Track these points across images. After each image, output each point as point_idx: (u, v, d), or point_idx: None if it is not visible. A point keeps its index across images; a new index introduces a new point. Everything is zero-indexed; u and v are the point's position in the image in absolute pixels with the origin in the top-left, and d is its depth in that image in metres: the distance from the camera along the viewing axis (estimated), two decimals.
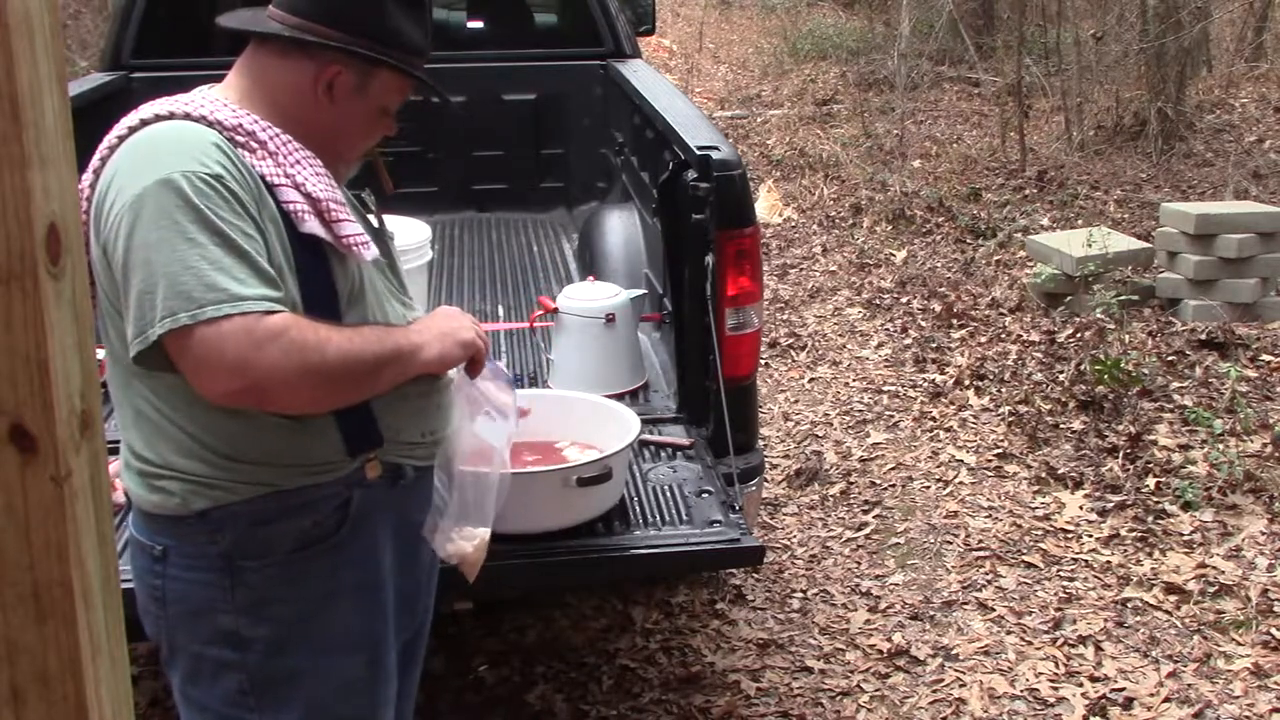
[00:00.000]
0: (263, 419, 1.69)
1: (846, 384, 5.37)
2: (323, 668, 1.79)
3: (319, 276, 1.72)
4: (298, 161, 1.73)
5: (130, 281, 1.59)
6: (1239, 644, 3.33)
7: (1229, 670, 3.22)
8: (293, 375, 1.60)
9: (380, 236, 1.94)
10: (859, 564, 3.88)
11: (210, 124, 1.70)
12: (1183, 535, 3.89)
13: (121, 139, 1.71)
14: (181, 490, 1.70)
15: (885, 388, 5.27)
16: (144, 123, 1.71)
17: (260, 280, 1.60)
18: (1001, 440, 4.64)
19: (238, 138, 1.70)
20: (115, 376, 1.76)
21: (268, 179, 1.69)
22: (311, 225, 1.69)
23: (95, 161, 1.72)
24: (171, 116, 1.71)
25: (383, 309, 1.82)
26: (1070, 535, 3.95)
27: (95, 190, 1.69)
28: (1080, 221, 7.23)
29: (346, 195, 1.90)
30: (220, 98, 1.77)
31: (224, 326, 1.55)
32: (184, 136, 1.67)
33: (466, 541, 1.95)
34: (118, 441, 1.77)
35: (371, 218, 1.97)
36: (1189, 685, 3.17)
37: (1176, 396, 4.83)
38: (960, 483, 4.36)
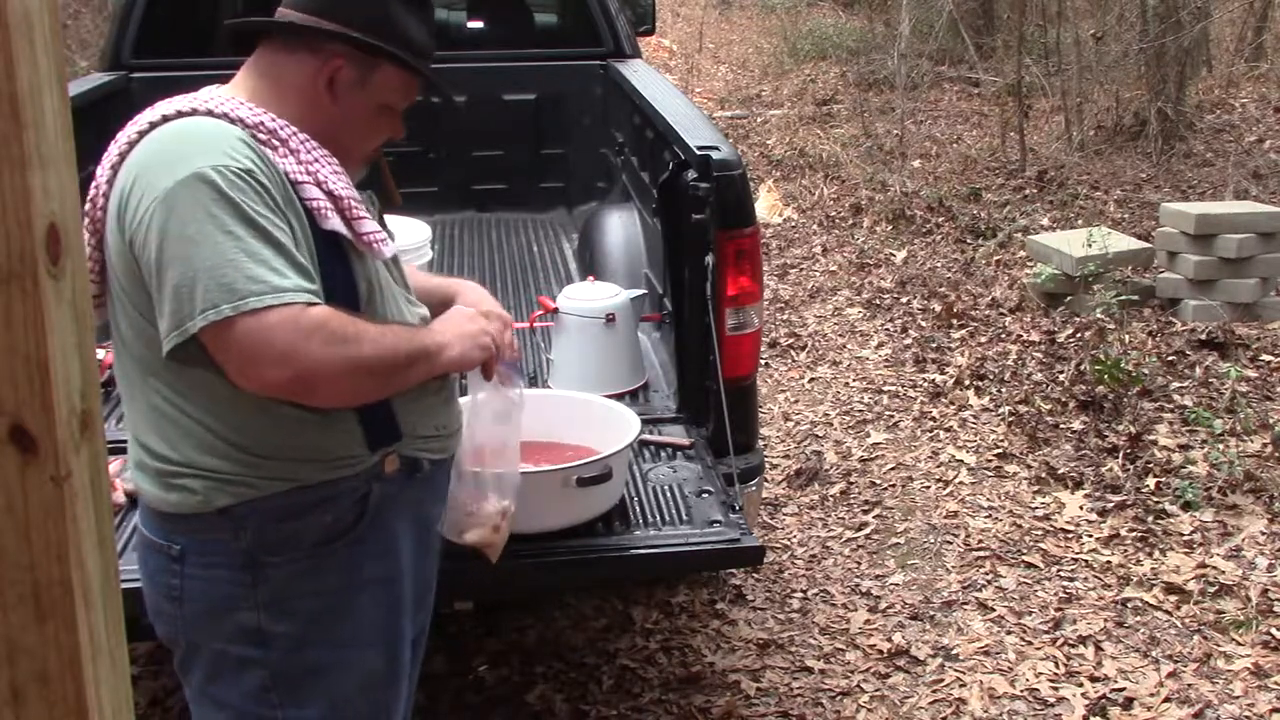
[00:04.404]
0: (286, 414, 1.69)
1: (846, 384, 5.37)
2: (344, 662, 1.80)
3: (340, 273, 1.73)
4: (317, 160, 1.75)
5: (165, 276, 1.59)
6: (1239, 644, 3.33)
7: (1229, 670, 3.22)
8: (335, 366, 1.61)
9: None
10: (859, 564, 3.88)
11: (232, 121, 1.71)
12: (1183, 535, 3.89)
13: (142, 134, 1.71)
14: (204, 488, 1.70)
15: (885, 388, 5.27)
16: (165, 118, 1.72)
17: (298, 272, 1.61)
18: (1001, 440, 4.64)
19: (259, 135, 1.71)
20: (129, 373, 1.75)
21: (291, 175, 1.70)
22: (334, 222, 1.71)
23: (112, 157, 1.72)
24: (194, 113, 1.72)
25: (397, 307, 1.85)
26: (1070, 535, 3.95)
27: (115, 185, 1.69)
28: (1080, 221, 7.23)
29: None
30: (233, 96, 1.78)
31: (269, 317, 1.56)
32: (211, 132, 1.69)
33: (486, 522, 1.99)
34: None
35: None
36: (1189, 685, 3.17)
37: (1176, 396, 4.83)
38: (960, 483, 4.36)
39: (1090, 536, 3.92)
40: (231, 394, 1.66)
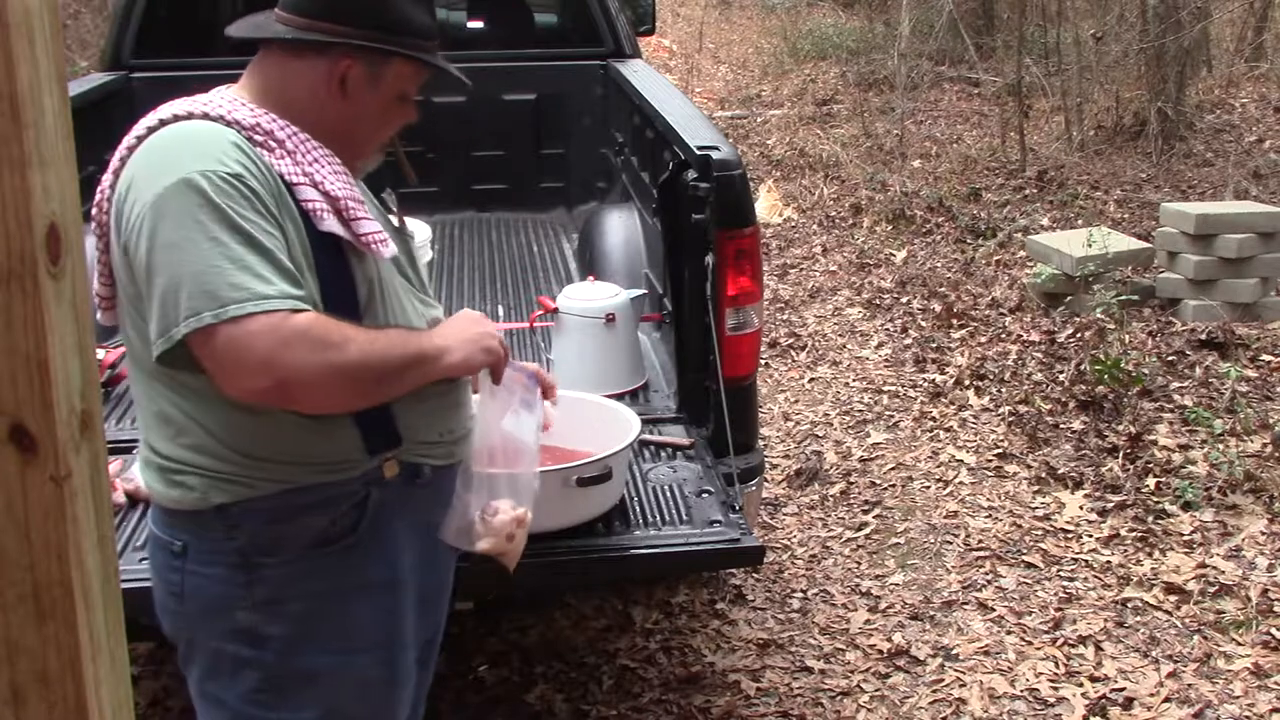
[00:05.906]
0: (281, 417, 1.69)
1: (846, 384, 5.37)
2: (340, 667, 1.79)
3: (338, 275, 1.72)
4: (316, 160, 1.74)
5: (154, 282, 1.59)
6: (1239, 644, 3.33)
7: (1229, 670, 3.22)
8: (318, 374, 1.60)
9: (400, 235, 1.94)
10: (859, 564, 3.88)
11: (229, 123, 1.71)
12: (1183, 535, 3.89)
13: (141, 139, 1.71)
14: (201, 484, 1.71)
15: (885, 388, 5.27)
16: (163, 123, 1.72)
17: (284, 278, 1.60)
18: (1001, 440, 4.64)
19: (256, 137, 1.70)
20: (136, 378, 1.77)
21: (286, 178, 1.69)
22: (330, 224, 1.70)
23: (115, 162, 1.72)
24: (190, 116, 1.72)
25: (402, 308, 1.83)
26: (1070, 535, 3.95)
27: (115, 191, 1.69)
28: (1080, 221, 7.23)
29: (365, 193, 1.90)
30: (235, 98, 1.78)
31: (250, 325, 1.56)
32: (203, 136, 1.68)
33: (500, 530, 1.91)
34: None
35: (393, 217, 1.97)
36: (1189, 685, 3.17)
37: (1176, 396, 4.83)
38: (960, 483, 4.36)
39: (1090, 536, 3.92)
40: (225, 398, 1.65)
